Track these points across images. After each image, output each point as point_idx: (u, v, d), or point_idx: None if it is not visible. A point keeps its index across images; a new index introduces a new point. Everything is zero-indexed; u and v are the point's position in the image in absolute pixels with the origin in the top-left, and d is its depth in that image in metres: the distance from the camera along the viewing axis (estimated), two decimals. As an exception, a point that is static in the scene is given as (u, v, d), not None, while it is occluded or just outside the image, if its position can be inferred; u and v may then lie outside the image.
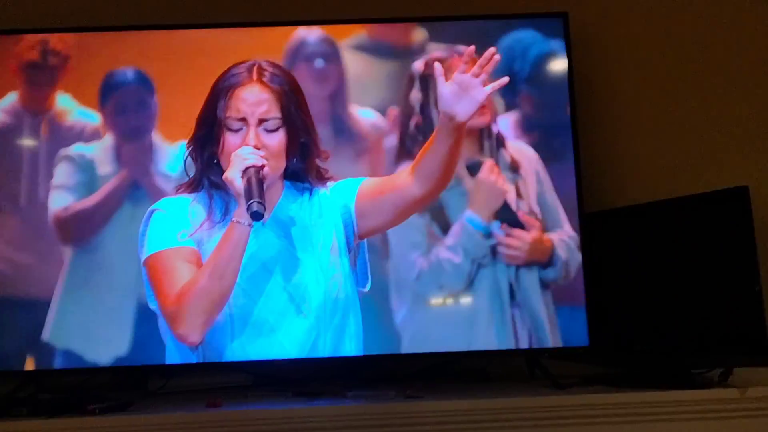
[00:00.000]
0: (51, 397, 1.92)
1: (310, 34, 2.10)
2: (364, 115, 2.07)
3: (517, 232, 1.99)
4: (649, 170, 2.16)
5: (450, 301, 2.01)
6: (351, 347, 1.65)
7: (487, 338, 2.00)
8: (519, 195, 2.02)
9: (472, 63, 1.45)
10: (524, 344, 1.98)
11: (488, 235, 1.98)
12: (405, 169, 1.61)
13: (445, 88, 1.44)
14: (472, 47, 1.44)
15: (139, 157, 2.04)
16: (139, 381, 2.09)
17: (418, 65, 2.07)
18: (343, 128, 2.07)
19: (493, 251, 1.99)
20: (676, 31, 2.23)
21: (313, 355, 1.62)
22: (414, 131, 2.02)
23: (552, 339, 2.00)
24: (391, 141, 2.06)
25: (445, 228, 2.00)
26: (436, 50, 2.09)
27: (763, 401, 1.71)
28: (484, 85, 1.45)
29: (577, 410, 1.75)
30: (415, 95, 2.00)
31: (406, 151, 2.05)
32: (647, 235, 1.98)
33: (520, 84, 2.07)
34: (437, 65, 1.47)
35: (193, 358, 1.61)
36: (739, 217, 1.76)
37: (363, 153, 2.05)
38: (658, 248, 1.95)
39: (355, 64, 2.09)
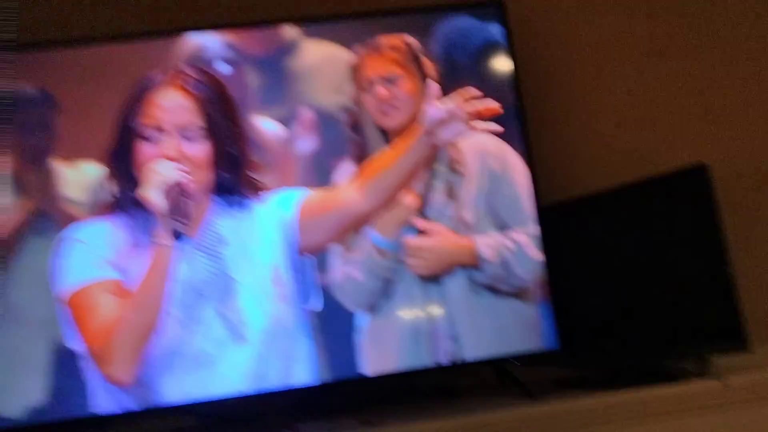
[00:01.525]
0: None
1: (215, 40, 1.98)
2: (265, 126, 1.96)
3: (416, 242, 1.90)
4: (605, 156, 2.14)
5: (398, 315, 1.90)
6: (303, 373, 1.55)
7: (416, 355, 1.91)
8: (450, 196, 1.95)
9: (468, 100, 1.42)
10: (443, 358, 1.90)
11: (395, 250, 1.89)
12: (350, 183, 1.55)
13: (435, 112, 1.42)
14: (476, 92, 1.43)
15: (42, 182, 1.88)
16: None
17: (350, 60, 1.97)
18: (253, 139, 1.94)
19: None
20: (624, 10, 2.22)
21: (261, 385, 1.51)
22: (347, 130, 1.91)
23: (523, 339, 1.92)
24: (305, 148, 1.95)
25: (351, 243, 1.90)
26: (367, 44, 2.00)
27: (745, 389, 1.68)
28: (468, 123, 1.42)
29: (552, 420, 1.68)
30: (348, 92, 1.91)
31: (340, 151, 1.94)
32: (608, 224, 1.95)
33: (462, 75, 2.02)
34: (433, 84, 1.46)
35: (125, 399, 1.49)
36: (701, 196, 1.74)
37: (270, 166, 1.93)
38: (621, 237, 1.92)
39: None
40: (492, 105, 1.41)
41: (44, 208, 1.84)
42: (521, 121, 2.04)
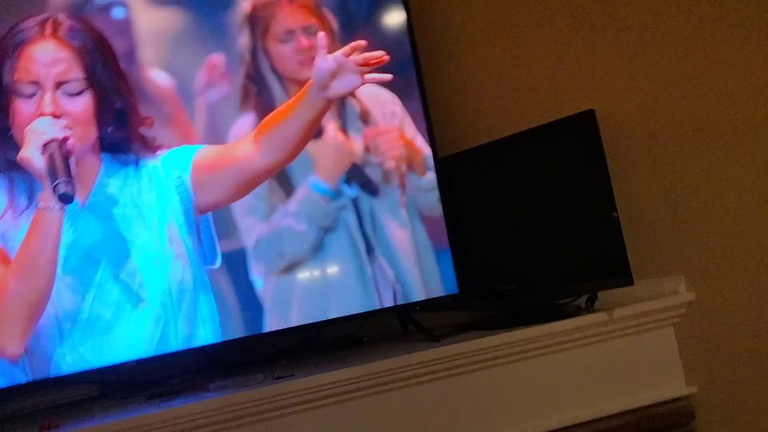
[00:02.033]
0: None
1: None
2: (157, 77, 1.85)
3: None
4: (500, 106, 2.17)
5: (299, 269, 1.88)
6: (206, 332, 1.52)
7: (350, 303, 1.92)
8: (367, 148, 1.95)
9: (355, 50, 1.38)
10: (389, 301, 1.93)
11: (334, 198, 1.89)
12: (247, 138, 1.50)
13: (324, 62, 1.37)
14: (365, 42, 1.40)
15: None
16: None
17: (245, 7, 1.88)
18: (143, 93, 1.82)
19: (339, 215, 1.90)
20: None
21: (164, 347, 1.47)
22: (243, 80, 1.84)
23: (423, 288, 1.96)
24: (215, 96, 1.85)
25: (288, 192, 1.86)
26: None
27: (630, 319, 1.79)
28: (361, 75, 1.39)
29: (452, 360, 1.73)
30: (244, 42, 1.83)
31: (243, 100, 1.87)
32: (502, 171, 1.99)
33: (358, 24, 1.98)
34: (321, 35, 1.40)
35: (17, 372, 1.40)
36: (589, 141, 1.80)
37: (168, 120, 1.83)
38: (515, 185, 1.97)
39: (149, 16, 1.82)
40: (379, 55, 1.39)
41: None
42: (417, 73, 2.03)
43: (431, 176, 1.97)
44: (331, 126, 1.88)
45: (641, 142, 1.91)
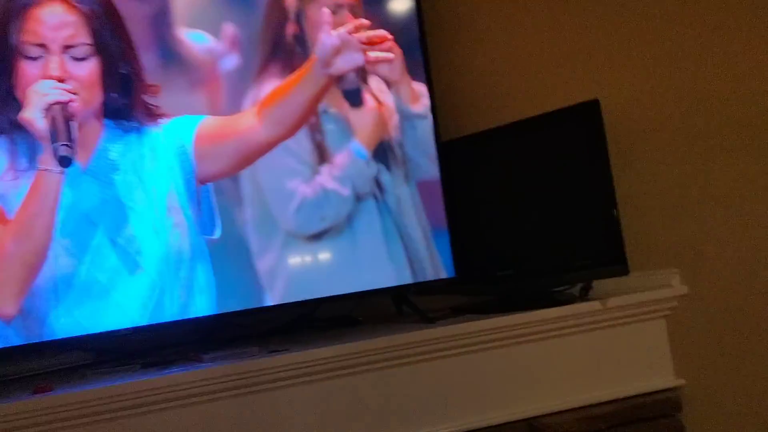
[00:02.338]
0: None
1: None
2: (195, 39, 1.84)
3: None
4: (504, 92, 2.16)
5: (329, 237, 1.89)
6: (202, 302, 1.52)
7: (368, 277, 1.92)
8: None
9: (359, 29, 1.37)
10: (407, 279, 1.93)
11: (370, 166, 1.90)
12: (250, 110, 1.49)
13: (328, 38, 1.36)
14: (367, 22, 1.39)
15: None
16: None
17: None
18: (172, 55, 1.83)
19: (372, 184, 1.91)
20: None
21: (158, 314, 1.47)
22: (291, 41, 1.82)
23: (420, 269, 1.96)
24: (230, 64, 1.85)
25: (323, 157, 1.86)
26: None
27: (623, 309, 1.79)
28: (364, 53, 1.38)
29: (446, 341, 1.74)
30: (290, 2, 1.81)
31: (276, 64, 1.85)
32: (504, 159, 1.99)
33: (365, 7, 1.97)
34: (325, 10, 1.39)
35: (11, 333, 1.39)
36: (592, 131, 1.80)
37: (197, 84, 1.82)
38: (515, 172, 1.97)
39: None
40: (383, 34, 1.38)
41: None
42: (423, 54, 2.02)
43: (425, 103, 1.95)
44: (370, 96, 1.89)
45: (643, 133, 1.91)
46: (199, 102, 1.73)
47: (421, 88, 1.98)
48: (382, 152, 1.95)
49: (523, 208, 1.93)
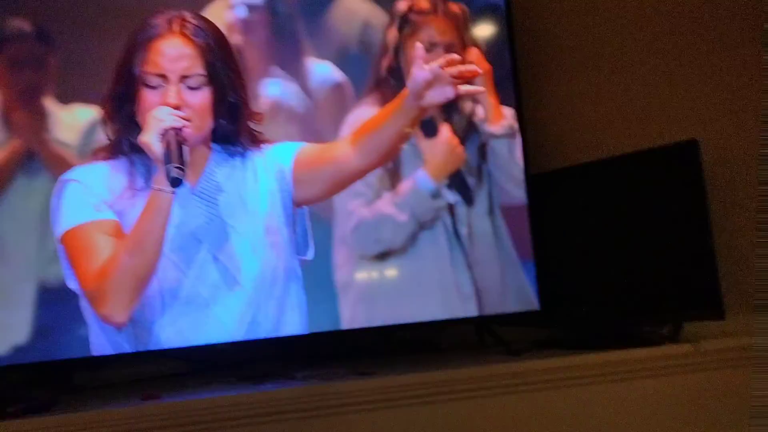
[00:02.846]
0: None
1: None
2: (318, 69, 1.94)
3: None
4: (596, 126, 2.13)
5: (392, 261, 1.93)
6: (294, 319, 1.57)
7: (432, 305, 1.94)
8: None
9: (451, 64, 1.40)
10: (472, 310, 1.93)
11: (435, 196, 1.93)
12: (345, 139, 1.55)
13: (420, 72, 1.39)
14: (459, 57, 1.40)
15: (33, 122, 1.83)
16: (63, 376, 1.92)
17: (401, 6, 1.97)
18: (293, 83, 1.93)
19: (438, 215, 1.94)
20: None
21: (253, 328, 1.52)
22: (384, 73, 1.92)
23: (503, 300, 1.95)
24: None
25: (394, 183, 1.93)
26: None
27: (716, 354, 1.72)
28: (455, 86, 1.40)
29: (532, 376, 1.72)
30: (392, 35, 1.91)
31: (373, 94, 1.95)
32: (596, 194, 1.96)
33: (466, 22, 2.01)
34: (419, 44, 1.42)
35: (120, 339, 1.49)
36: (690, 171, 1.75)
37: (314, 111, 1.92)
38: (607, 207, 1.93)
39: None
40: (473, 68, 1.40)
41: (34, 149, 1.81)
42: (515, 88, 2.03)
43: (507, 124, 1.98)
44: (445, 128, 1.93)
45: (741, 174, 1.84)
46: (311, 128, 1.85)
47: (507, 111, 1.99)
48: (460, 182, 1.96)
49: (614, 244, 1.90)
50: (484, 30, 2.03)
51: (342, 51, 1.98)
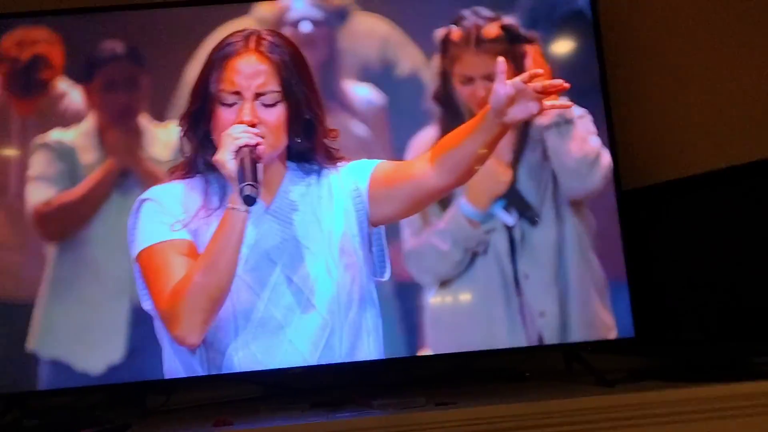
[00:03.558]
0: (39, 423, 1.74)
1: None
2: (358, 91, 1.91)
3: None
4: (693, 138, 1.98)
5: (441, 290, 1.87)
6: (369, 344, 1.49)
7: (494, 333, 1.85)
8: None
9: (534, 78, 1.33)
10: (533, 337, 1.83)
11: (483, 222, 1.86)
12: (423, 156, 1.48)
13: (502, 88, 1.32)
14: (542, 71, 1.34)
15: (127, 141, 1.87)
16: (137, 398, 1.91)
17: (440, 32, 1.93)
18: (335, 105, 1.91)
19: (487, 240, 1.87)
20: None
21: (327, 353, 1.46)
22: (433, 101, 1.88)
23: (588, 326, 1.83)
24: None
25: (436, 212, 1.89)
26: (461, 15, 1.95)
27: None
28: (540, 102, 1.33)
29: (629, 410, 1.57)
30: (436, 64, 1.87)
31: (422, 119, 1.92)
32: (695, 210, 1.80)
33: (545, 47, 1.91)
34: (500, 59, 1.34)
35: (193, 361, 1.46)
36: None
37: (363, 134, 1.89)
38: (707, 225, 1.78)
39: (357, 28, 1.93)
40: (559, 82, 1.30)
41: (130, 167, 1.84)
42: (604, 100, 1.91)
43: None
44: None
45: None
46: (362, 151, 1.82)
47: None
48: (518, 200, 1.88)
49: (718, 264, 1.73)
50: (567, 42, 1.93)
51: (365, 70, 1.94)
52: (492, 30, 1.90)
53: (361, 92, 1.91)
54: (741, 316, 1.68)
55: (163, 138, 1.85)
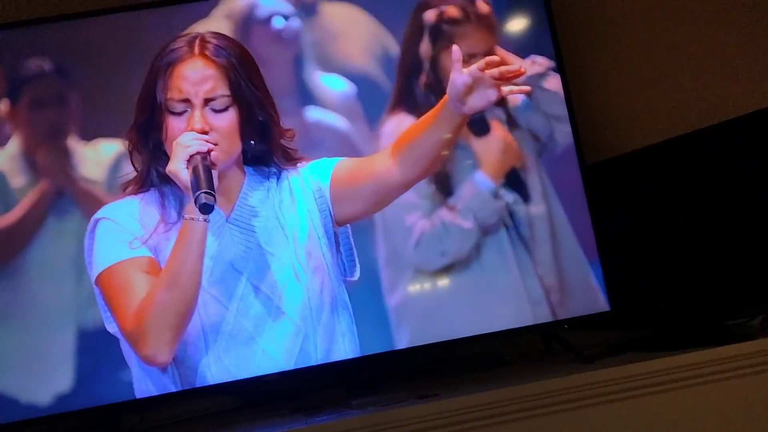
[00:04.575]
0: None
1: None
2: (330, 84, 1.86)
3: None
4: (651, 109, 2.00)
5: (454, 273, 1.83)
6: (345, 346, 1.49)
7: (501, 315, 1.82)
8: None
9: (491, 65, 1.32)
10: (545, 316, 1.81)
11: (496, 197, 1.84)
12: (384, 151, 1.47)
13: (459, 77, 1.32)
14: (497, 58, 1.33)
15: (59, 161, 1.80)
16: (110, 421, 1.87)
17: (430, 15, 1.89)
18: (310, 99, 1.87)
19: (500, 216, 1.83)
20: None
21: (303, 360, 1.45)
22: (422, 90, 1.84)
23: (569, 303, 1.82)
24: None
25: (447, 191, 1.83)
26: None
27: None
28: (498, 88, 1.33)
29: (611, 385, 1.58)
30: (425, 48, 1.83)
31: (405, 106, 1.86)
32: (659, 178, 1.82)
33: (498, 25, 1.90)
34: (456, 48, 1.34)
35: (165, 380, 1.43)
36: (763, 143, 1.59)
37: (335, 127, 1.85)
38: (675, 192, 1.79)
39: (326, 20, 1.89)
40: (516, 68, 1.30)
41: (63, 189, 1.77)
42: (562, 76, 1.91)
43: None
44: (496, 124, 1.83)
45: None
46: (338, 147, 1.78)
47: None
48: (516, 180, 1.86)
49: (687, 231, 1.75)
50: (520, 19, 1.92)
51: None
52: (483, 6, 1.87)
53: (336, 84, 1.86)
54: (715, 282, 1.71)
55: (93, 157, 1.79)
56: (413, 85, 1.85)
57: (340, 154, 1.56)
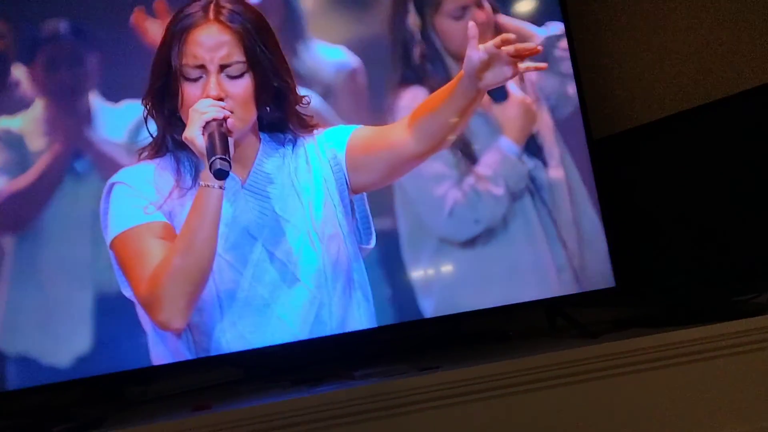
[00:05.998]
0: (9, 423, 1.72)
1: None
2: (328, 54, 1.88)
3: None
4: (660, 85, 2.03)
5: (483, 242, 1.86)
6: (361, 315, 1.52)
7: (525, 285, 1.85)
8: None
9: (507, 42, 1.35)
10: (570, 287, 1.83)
11: (521, 161, 1.87)
12: (401, 122, 1.50)
13: (475, 54, 1.34)
14: (513, 36, 1.35)
15: (77, 123, 1.81)
16: (113, 390, 1.90)
17: None
18: (303, 69, 1.88)
19: (526, 181, 1.87)
20: None
21: (318, 327, 1.49)
22: (419, 61, 1.86)
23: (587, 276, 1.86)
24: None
25: (471, 159, 1.86)
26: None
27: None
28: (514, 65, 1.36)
29: (614, 359, 1.63)
30: (413, 21, 1.85)
31: (408, 82, 1.89)
32: (666, 153, 1.86)
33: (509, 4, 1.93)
34: (472, 24, 1.37)
35: (180, 345, 1.47)
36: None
37: (329, 98, 1.86)
38: (685, 166, 1.83)
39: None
40: (533, 45, 1.33)
41: (81, 149, 1.79)
42: (571, 52, 1.95)
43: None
44: (515, 89, 1.86)
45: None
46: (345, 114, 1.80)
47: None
48: (535, 145, 1.89)
49: (694, 207, 1.80)
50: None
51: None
52: None
53: (335, 55, 1.87)
54: (721, 258, 1.76)
55: (115, 117, 1.80)
56: (411, 58, 1.87)
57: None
